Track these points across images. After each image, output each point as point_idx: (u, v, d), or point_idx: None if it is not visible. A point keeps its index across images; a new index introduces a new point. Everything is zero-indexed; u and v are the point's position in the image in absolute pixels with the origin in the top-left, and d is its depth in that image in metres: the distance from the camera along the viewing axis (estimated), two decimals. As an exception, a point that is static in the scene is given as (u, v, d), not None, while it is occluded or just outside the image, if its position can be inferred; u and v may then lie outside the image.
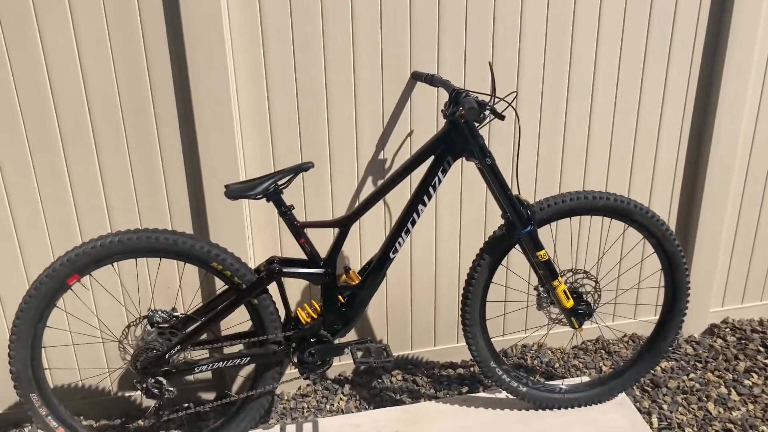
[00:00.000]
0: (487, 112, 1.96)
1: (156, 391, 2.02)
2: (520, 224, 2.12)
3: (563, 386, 2.41)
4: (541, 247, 2.15)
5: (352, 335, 2.74)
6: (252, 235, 2.47)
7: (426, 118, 2.48)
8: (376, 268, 2.15)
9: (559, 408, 2.40)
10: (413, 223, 2.12)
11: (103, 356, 2.51)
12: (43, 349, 2.40)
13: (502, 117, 1.96)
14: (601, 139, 2.65)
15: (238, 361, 2.09)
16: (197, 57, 2.16)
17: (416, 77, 2.39)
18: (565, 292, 2.21)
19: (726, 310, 3.07)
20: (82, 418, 2.56)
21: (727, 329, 2.99)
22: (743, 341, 2.90)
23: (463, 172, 2.58)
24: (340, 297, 2.15)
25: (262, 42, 2.25)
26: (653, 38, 2.55)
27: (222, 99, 2.21)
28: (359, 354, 2.15)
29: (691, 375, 2.67)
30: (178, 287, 2.46)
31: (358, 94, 2.39)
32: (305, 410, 2.58)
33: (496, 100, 2.05)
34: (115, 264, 2.36)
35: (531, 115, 2.55)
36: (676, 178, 2.78)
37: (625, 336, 2.99)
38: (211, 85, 2.19)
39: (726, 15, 2.53)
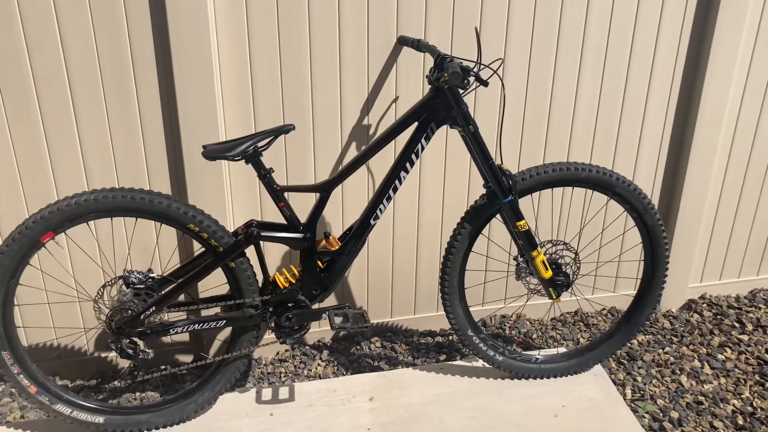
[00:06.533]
0: (471, 79, 1.93)
1: (130, 351, 2.01)
2: (501, 194, 2.11)
3: (539, 356, 2.43)
4: (521, 217, 2.14)
5: (331, 301, 2.73)
6: (231, 198, 2.44)
7: (412, 84, 2.44)
8: (357, 235, 2.13)
9: (535, 378, 2.41)
10: (395, 190, 2.10)
11: (80, 316, 2.48)
12: (16, 307, 2.38)
13: (485, 83, 1.93)
14: (587, 111, 2.63)
15: (214, 324, 2.08)
16: (177, 9, 2.10)
17: (402, 42, 2.34)
18: (543, 262, 2.20)
19: (704, 286, 3.09)
20: (57, 377, 2.55)
21: (704, 305, 3.02)
22: (719, 317, 2.93)
23: (448, 140, 2.55)
24: (319, 262, 2.13)
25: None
26: (644, 6, 2.51)
27: (202, 56, 2.16)
28: (337, 320, 2.14)
29: (666, 348, 2.70)
30: (154, 248, 2.43)
31: (343, 58, 2.35)
32: (282, 375, 2.58)
33: (482, 66, 2.02)
34: (91, 223, 2.32)
35: (517, 84, 2.52)
36: (660, 153, 2.78)
37: (604, 309, 3.01)
38: (191, 42, 2.14)
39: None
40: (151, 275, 2.05)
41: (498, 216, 2.23)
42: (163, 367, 2.59)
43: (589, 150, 2.70)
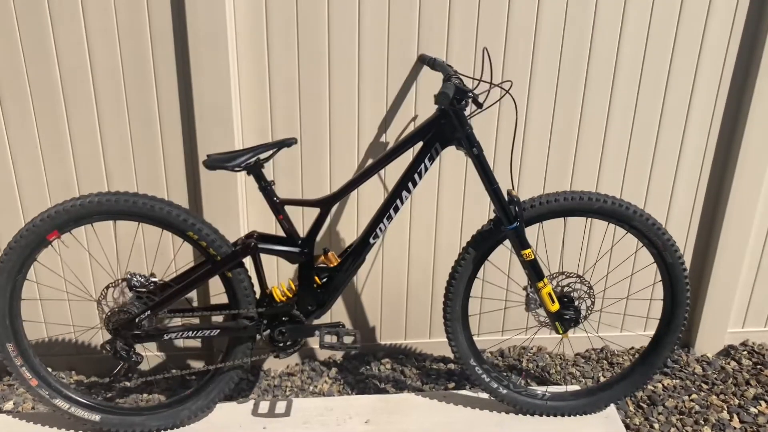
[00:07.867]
0: (469, 100, 1.87)
1: (123, 353, 2.04)
2: (505, 219, 2.03)
3: (546, 393, 2.31)
4: (527, 246, 2.05)
5: (343, 317, 2.70)
6: (247, 210, 2.46)
7: (431, 103, 2.40)
8: (355, 253, 2.10)
9: (540, 415, 2.30)
10: (396, 209, 2.06)
11: (96, 314, 2.56)
12: (37, 301, 2.49)
13: (480, 105, 1.87)
14: (618, 142, 2.50)
15: (208, 332, 2.09)
16: (198, 28, 2.15)
17: (422, 60, 2.31)
18: (550, 294, 2.10)
19: (746, 332, 2.87)
20: (74, 372, 2.63)
21: (745, 352, 2.80)
22: (759, 366, 2.70)
23: (467, 161, 2.49)
24: (316, 278, 2.11)
25: (265, 13, 2.22)
26: (682, 34, 2.38)
27: (221, 71, 2.20)
28: (328, 338, 2.11)
29: (693, 396, 2.51)
30: (155, 252, 2.48)
31: (362, 74, 2.33)
32: (288, 389, 2.57)
33: (492, 86, 1.96)
34: (98, 225, 2.40)
35: (543, 110, 2.43)
36: (699, 185, 2.61)
37: (632, 348, 2.84)
38: (210, 57, 2.18)
39: (763, 22, 2.35)
40: (153, 279, 2.09)
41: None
42: (172, 369, 2.63)
43: (620, 183, 2.56)
